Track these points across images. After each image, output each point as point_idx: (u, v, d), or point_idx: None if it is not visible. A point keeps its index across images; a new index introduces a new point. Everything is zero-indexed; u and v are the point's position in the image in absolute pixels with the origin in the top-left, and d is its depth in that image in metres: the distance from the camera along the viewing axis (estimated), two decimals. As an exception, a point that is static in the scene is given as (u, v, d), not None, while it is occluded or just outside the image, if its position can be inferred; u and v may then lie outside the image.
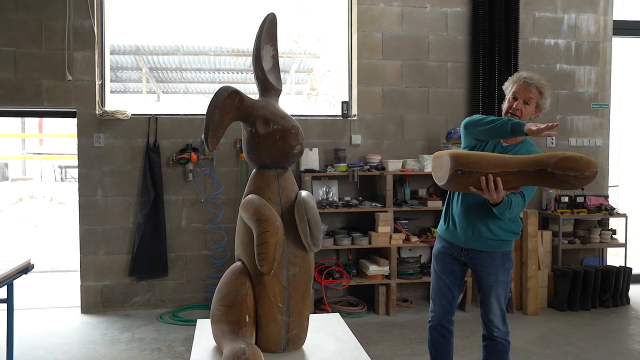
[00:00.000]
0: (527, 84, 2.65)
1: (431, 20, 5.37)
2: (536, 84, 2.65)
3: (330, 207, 4.89)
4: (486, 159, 2.33)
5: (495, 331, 2.75)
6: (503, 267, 2.70)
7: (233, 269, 2.27)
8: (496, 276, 2.69)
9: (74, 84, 4.87)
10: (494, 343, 2.76)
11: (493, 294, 2.71)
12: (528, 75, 2.68)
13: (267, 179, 2.27)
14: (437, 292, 2.84)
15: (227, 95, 2.16)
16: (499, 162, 2.32)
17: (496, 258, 2.69)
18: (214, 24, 13.12)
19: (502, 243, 2.69)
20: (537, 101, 2.66)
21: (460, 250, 2.74)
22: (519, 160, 2.30)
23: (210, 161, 5.02)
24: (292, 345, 2.28)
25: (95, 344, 4.14)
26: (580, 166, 2.15)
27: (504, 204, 2.42)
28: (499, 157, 2.35)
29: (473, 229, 2.66)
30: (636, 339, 4.30)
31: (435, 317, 2.85)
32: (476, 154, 2.38)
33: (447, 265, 2.80)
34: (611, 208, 5.42)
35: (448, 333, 2.85)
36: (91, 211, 4.92)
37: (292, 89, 9.20)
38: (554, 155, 2.21)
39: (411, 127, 5.35)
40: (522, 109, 2.65)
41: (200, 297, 5.09)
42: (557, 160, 2.18)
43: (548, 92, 2.70)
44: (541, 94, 2.66)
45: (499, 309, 2.73)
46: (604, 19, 5.68)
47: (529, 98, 2.64)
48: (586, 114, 5.70)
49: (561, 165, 2.17)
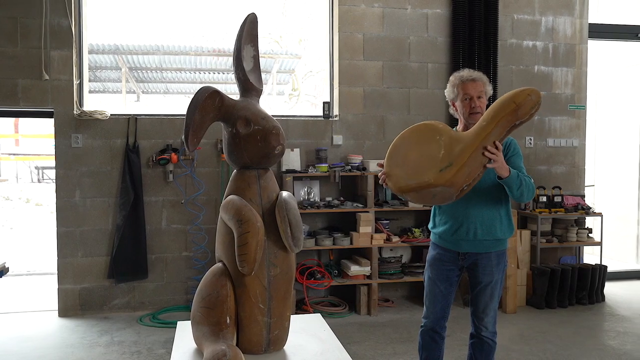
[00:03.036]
0: (472, 81, 2.69)
1: (412, 22, 5.41)
2: (478, 77, 2.71)
3: (311, 207, 4.89)
4: (465, 151, 2.32)
5: (483, 331, 2.76)
6: (498, 266, 2.72)
7: (214, 270, 2.26)
8: (491, 276, 2.71)
9: (51, 83, 4.80)
10: (481, 342, 2.78)
11: (487, 293, 2.73)
12: (467, 74, 2.73)
13: (248, 180, 2.26)
14: (431, 298, 2.82)
15: (208, 95, 2.15)
16: (476, 137, 2.34)
17: (492, 258, 2.71)
18: (195, 23, 13.03)
19: (497, 243, 2.71)
20: (486, 90, 2.72)
21: (457, 256, 2.74)
22: (491, 116, 2.35)
23: (191, 162, 4.99)
24: (273, 346, 2.28)
25: (72, 348, 4.08)
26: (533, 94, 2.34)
27: (513, 178, 2.46)
28: (472, 135, 2.36)
29: (468, 231, 2.66)
30: (611, 335, 4.38)
31: (428, 322, 2.84)
32: (455, 161, 2.33)
33: (442, 272, 2.79)
34: (587, 207, 5.51)
35: (440, 338, 2.85)
36: (69, 213, 4.85)
37: (274, 89, 9.18)
38: (513, 96, 2.34)
39: (392, 127, 5.38)
40: (480, 105, 2.69)
41: (180, 299, 5.05)
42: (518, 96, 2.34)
43: (487, 79, 2.77)
44: (484, 83, 2.73)
45: (491, 309, 2.74)
46: (580, 22, 5.78)
47: (480, 92, 2.68)
48: (563, 115, 5.79)
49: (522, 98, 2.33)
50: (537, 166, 5.70)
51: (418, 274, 4.97)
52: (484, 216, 2.64)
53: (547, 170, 5.75)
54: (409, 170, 2.40)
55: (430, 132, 2.43)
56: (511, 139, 2.70)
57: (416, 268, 5.05)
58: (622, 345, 4.12)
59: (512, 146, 2.69)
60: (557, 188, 5.56)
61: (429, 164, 2.34)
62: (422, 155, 2.38)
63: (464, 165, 2.29)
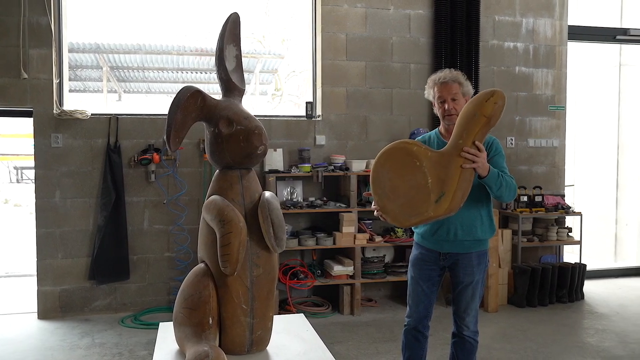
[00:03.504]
0: (444, 83, 2.70)
1: (394, 22, 5.43)
2: (451, 79, 2.71)
3: (294, 207, 4.89)
4: (453, 177, 2.33)
5: (465, 330, 2.78)
6: (479, 266, 2.73)
7: (196, 270, 2.25)
8: (472, 276, 2.72)
9: (29, 82, 4.73)
10: (462, 341, 2.79)
11: (468, 293, 2.74)
12: (441, 75, 2.74)
13: (231, 180, 2.25)
14: (414, 297, 2.83)
15: (190, 95, 2.14)
16: (459, 157, 2.35)
17: (472, 258, 2.71)
18: (177, 23, 12.94)
19: (478, 243, 2.72)
20: (461, 91, 2.71)
21: (439, 256, 2.75)
22: (466, 133, 2.36)
23: (173, 162, 4.95)
24: (256, 346, 2.27)
25: (52, 351, 4.03)
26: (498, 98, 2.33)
27: (493, 177, 2.46)
28: (454, 155, 2.36)
29: (448, 232, 2.68)
30: (590, 332, 4.45)
31: (411, 321, 2.85)
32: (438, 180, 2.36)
33: (424, 272, 2.80)
34: (567, 207, 5.59)
35: (423, 337, 2.86)
36: (49, 213, 4.79)
37: (257, 89, 9.15)
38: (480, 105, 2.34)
39: (375, 127, 5.40)
40: (454, 107, 2.70)
41: (163, 299, 5.01)
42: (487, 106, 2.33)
43: (463, 77, 2.76)
44: (460, 84, 2.72)
45: (472, 308, 2.75)
46: (559, 24, 5.86)
47: (454, 94, 2.69)
48: (543, 116, 5.86)
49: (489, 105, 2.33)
50: (518, 166, 5.77)
51: (401, 273, 4.99)
52: (464, 217, 2.64)
53: (528, 170, 5.82)
54: (404, 206, 2.41)
55: (406, 157, 2.40)
56: (493, 139, 2.71)
57: (399, 268, 5.08)
58: (601, 342, 4.19)
59: (494, 146, 2.70)
60: (538, 188, 5.63)
61: (421, 197, 2.34)
62: (410, 186, 2.37)
63: (456, 190, 2.31)
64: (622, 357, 3.90)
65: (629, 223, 6.83)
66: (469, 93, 2.74)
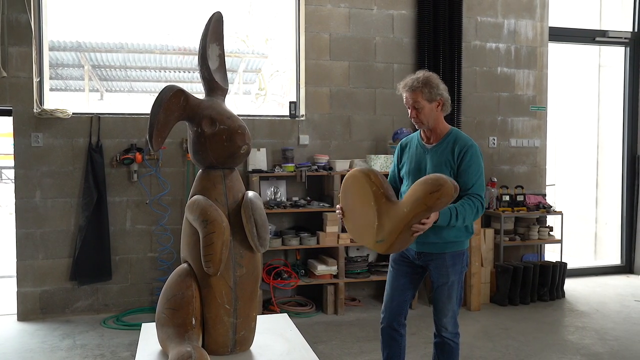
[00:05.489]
0: (406, 90, 2.68)
1: (378, 23, 5.45)
2: (412, 87, 2.65)
3: (278, 207, 4.89)
4: (393, 232, 2.41)
5: (443, 331, 2.78)
6: (454, 267, 2.71)
7: (179, 271, 2.24)
8: (446, 277, 2.71)
9: (9, 80, 4.66)
10: (442, 342, 2.80)
11: (443, 294, 2.73)
12: (403, 83, 2.71)
13: (214, 180, 2.25)
14: (388, 291, 2.85)
15: (172, 94, 2.13)
16: (400, 220, 2.39)
17: (446, 259, 2.70)
18: (160, 21, 12.83)
19: (451, 244, 2.70)
20: (427, 97, 2.64)
21: (415, 254, 2.76)
22: (409, 208, 2.36)
23: (156, 161, 4.92)
24: (239, 346, 2.27)
25: (32, 353, 3.97)
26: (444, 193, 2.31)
27: (444, 217, 2.47)
28: (399, 216, 2.39)
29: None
30: (570, 329, 4.51)
31: (384, 318, 2.87)
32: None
33: (402, 268, 2.82)
34: (548, 206, 5.66)
35: (399, 336, 2.86)
36: (29, 214, 4.72)
37: (240, 88, 9.11)
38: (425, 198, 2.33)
39: (358, 127, 5.42)
40: (417, 115, 2.67)
41: (145, 300, 4.97)
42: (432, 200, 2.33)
43: (430, 81, 2.66)
44: (424, 89, 2.64)
45: (449, 309, 2.74)
46: (540, 25, 5.93)
47: (416, 102, 2.65)
48: (525, 116, 5.93)
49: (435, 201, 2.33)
50: (500, 166, 5.83)
51: (384, 273, 5.01)
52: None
53: (510, 169, 5.88)
54: (356, 228, 2.59)
55: (366, 191, 2.47)
56: (469, 145, 2.65)
57: (382, 267, 5.10)
58: (581, 340, 4.25)
59: (469, 155, 2.63)
60: (520, 187, 5.69)
61: (367, 231, 2.49)
62: (363, 216, 2.50)
63: (394, 242, 2.42)
64: (601, 354, 3.96)
65: (609, 222, 6.93)
66: (436, 98, 2.66)
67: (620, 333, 4.42)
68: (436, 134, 2.73)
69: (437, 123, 2.71)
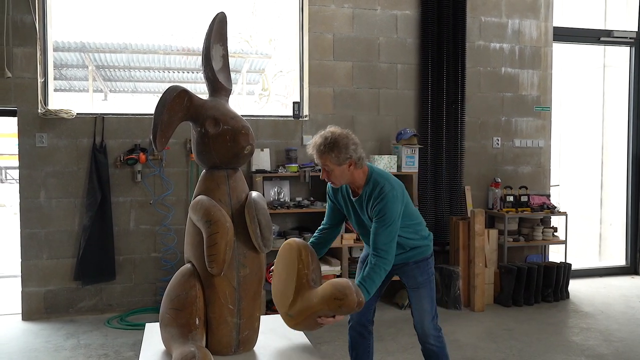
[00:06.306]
0: (317, 152, 2.54)
1: (381, 23, 5.45)
2: (318, 149, 2.51)
3: (281, 207, 4.88)
4: (301, 314, 2.37)
5: (421, 337, 2.81)
6: (421, 273, 2.74)
7: (182, 271, 2.24)
8: (414, 282, 2.75)
9: (13, 81, 4.67)
10: (425, 348, 2.83)
11: (414, 300, 2.78)
12: (312, 142, 2.57)
13: (217, 180, 2.25)
14: None
15: (176, 95, 2.13)
16: (307, 309, 2.35)
17: (410, 267, 2.74)
18: (164, 22, 12.87)
19: (412, 254, 2.72)
20: (335, 161, 2.49)
21: None
22: (314, 302, 2.32)
23: (160, 162, 4.92)
24: (243, 347, 2.27)
25: (37, 352, 3.98)
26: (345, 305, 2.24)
27: (366, 288, 2.42)
28: (307, 303, 2.34)
29: None
30: (575, 331, 4.50)
31: (352, 318, 2.89)
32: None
33: None
34: (553, 207, 5.64)
35: (367, 333, 2.90)
36: (34, 214, 4.74)
37: (244, 89, 9.12)
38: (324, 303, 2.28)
39: (362, 127, 5.41)
40: (328, 176, 2.58)
41: (149, 300, 4.98)
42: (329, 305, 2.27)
43: (337, 143, 2.48)
44: (331, 154, 2.47)
45: (426, 313, 2.76)
46: (545, 25, 5.92)
47: (325, 165, 2.53)
48: (529, 116, 5.91)
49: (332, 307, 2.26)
50: (504, 166, 5.82)
51: (388, 273, 5.00)
52: None
53: (514, 170, 5.87)
54: (277, 293, 2.54)
55: (293, 264, 2.42)
56: (380, 187, 2.50)
57: (386, 267, 5.08)
58: (585, 341, 4.24)
59: (380, 200, 2.48)
60: (524, 188, 5.68)
61: (283, 301, 2.46)
62: (284, 285, 2.47)
63: (300, 323, 2.39)
64: (606, 356, 3.95)
65: (613, 223, 6.91)
66: (345, 162, 2.48)
67: (625, 334, 4.40)
68: (355, 186, 2.65)
69: (352, 179, 2.58)
